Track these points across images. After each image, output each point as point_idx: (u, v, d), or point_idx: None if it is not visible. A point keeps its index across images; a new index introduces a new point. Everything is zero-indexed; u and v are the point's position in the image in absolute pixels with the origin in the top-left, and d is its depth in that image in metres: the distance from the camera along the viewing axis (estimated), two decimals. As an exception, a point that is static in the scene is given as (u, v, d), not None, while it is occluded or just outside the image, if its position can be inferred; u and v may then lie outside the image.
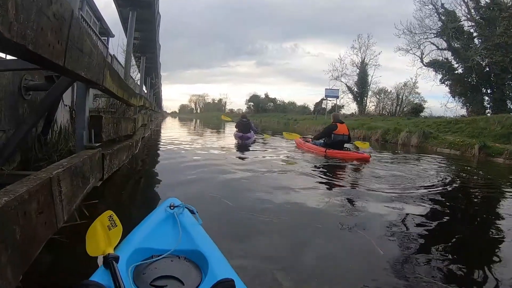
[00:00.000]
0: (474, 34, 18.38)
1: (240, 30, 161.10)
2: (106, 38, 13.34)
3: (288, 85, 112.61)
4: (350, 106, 29.28)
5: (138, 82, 12.98)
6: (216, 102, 70.95)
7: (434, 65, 20.18)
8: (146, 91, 17.66)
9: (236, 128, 9.69)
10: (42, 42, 0.86)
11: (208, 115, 51.29)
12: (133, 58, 10.57)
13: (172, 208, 1.41)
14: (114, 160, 2.30)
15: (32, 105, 2.22)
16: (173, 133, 12.98)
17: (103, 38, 12.33)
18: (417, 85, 25.17)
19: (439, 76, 20.08)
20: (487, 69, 17.32)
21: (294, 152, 6.96)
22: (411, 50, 20.89)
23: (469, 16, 18.31)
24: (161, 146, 7.33)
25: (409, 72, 41.07)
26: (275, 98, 43.91)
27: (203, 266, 1.12)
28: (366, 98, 28.22)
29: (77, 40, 1.19)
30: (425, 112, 22.31)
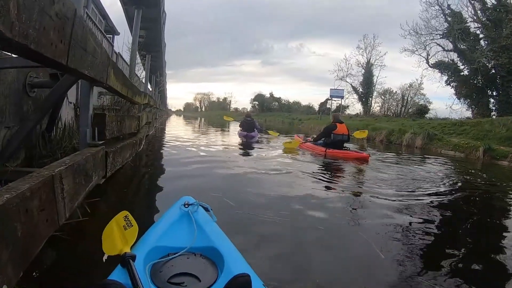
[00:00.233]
0: (480, 35, 18.20)
1: (245, 29, 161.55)
2: (111, 36, 13.39)
3: (293, 84, 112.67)
4: (355, 107, 29.25)
5: (143, 80, 13.04)
6: (221, 100, 71.05)
7: (440, 66, 20.02)
8: (151, 89, 17.77)
9: (240, 127, 9.71)
10: (44, 42, 0.87)
11: (212, 114, 51.33)
12: (138, 56, 10.61)
13: (186, 206, 1.43)
14: (117, 158, 2.31)
15: (36, 102, 2.24)
16: (177, 131, 13.01)
17: (109, 36, 12.37)
18: (422, 86, 25.14)
19: (445, 77, 19.98)
20: (493, 71, 17.16)
21: (294, 151, 6.96)
22: (417, 51, 20.79)
23: (475, 17, 18.12)
24: (165, 144, 7.36)
25: (414, 73, 40.67)
26: (280, 97, 43.89)
27: (219, 263, 1.14)
28: (371, 99, 28.15)
29: (80, 39, 1.20)
30: (430, 113, 22.20)
